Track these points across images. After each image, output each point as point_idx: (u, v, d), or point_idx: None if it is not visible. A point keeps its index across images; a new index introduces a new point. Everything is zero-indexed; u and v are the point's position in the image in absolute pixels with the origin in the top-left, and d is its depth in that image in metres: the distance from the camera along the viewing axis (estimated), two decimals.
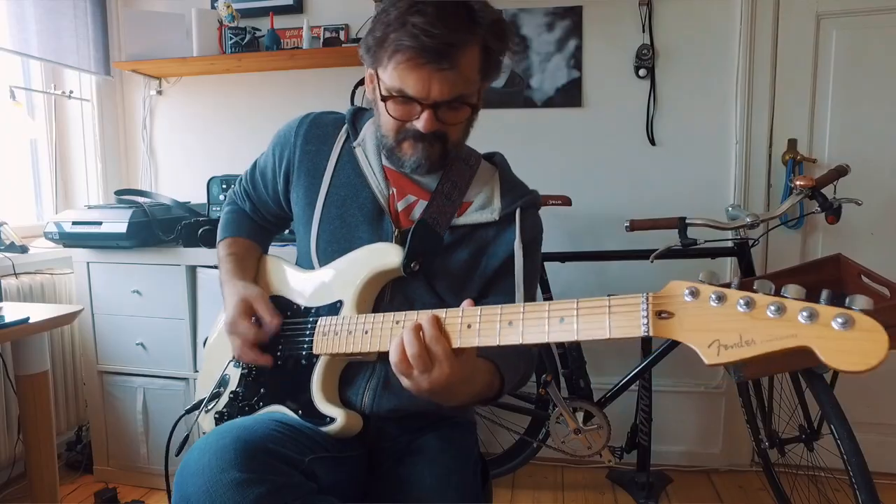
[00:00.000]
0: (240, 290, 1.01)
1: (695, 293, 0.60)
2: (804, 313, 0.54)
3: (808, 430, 1.67)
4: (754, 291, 0.58)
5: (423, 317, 0.78)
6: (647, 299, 0.63)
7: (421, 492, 0.89)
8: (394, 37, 0.85)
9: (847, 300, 0.54)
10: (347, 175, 1.02)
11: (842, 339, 0.52)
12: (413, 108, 0.90)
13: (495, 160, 1.09)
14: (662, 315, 0.62)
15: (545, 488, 2.08)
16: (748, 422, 1.81)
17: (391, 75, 0.89)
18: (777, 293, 0.58)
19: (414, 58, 0.85)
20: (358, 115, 1.08)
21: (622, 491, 2.03)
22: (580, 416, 1.79)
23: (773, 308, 0.55)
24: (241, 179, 1.20)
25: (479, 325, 0.75)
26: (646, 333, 0.62)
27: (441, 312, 0.78)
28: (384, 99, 0.91)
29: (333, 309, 0.95)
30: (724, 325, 0.58)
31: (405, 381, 0.78)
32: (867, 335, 0.51)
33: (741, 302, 0.57)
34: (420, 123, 0.90)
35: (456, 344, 0.75)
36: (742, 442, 2.14)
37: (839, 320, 0.52)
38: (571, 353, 1.88)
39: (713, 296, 0.59)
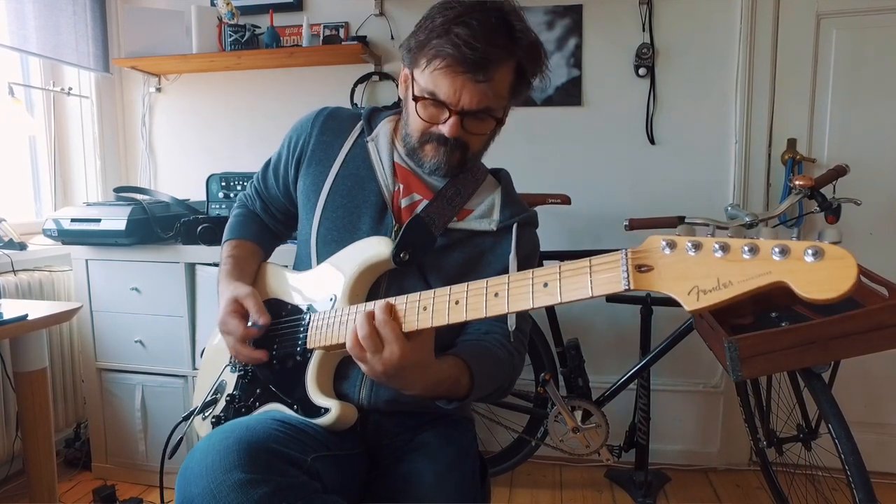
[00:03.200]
0: (231, 290, 1.03)
1: (672, 245, 0.62)
2: (776, 250, 0.55)
3: (806, 429, 1.67)
4: (729, 237, 0.60)
5: (378, 303, 0.81)
6: (626, 255, 0.64)
7: (422, 489, 0.90)
8: (436, 42, 0.89)
9: (818, 235, 0.56)
10: (357, 167, 1.05)
11: (814, 271, 0.53)
12: (441, 112, 0.93)
13: (500, 176, 1.13)
14: (642, 269, 0.63)
15: (543, 487, 2.08)
16: (746, 421, 1.81)
17: (426, 78, 0.92)
18: None
19: (451, 66, 0.89)
20: (374, 114, 1.12)
21: (620, 490, 2.03)
22: (578, 414, 1.79)
23: (746, 249, 0.57)
24: (251, 182, 1.23)
25: (466, 300, 0.76)
26: (626, 287, 0.63)
27: (416, 295, 0.81)
28: (416, 99, 0.94)
29: (327, 304, 0.97)
30: (701, 271, 0.59)
31: (362, 367, 0.81)
32: (837, 263, 0.53)
33: (716, 247, 0.58)
34: (445, 128, 0.94)
35: (414, 326, 0.78)
36: (740, 441, 2.14)
37: (810, 252, 0.53)
38: (570, 352, 1.88)
39: (689, 245, 0.60)
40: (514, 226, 1.02)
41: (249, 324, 0.99)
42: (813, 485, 1.86)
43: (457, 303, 0.76)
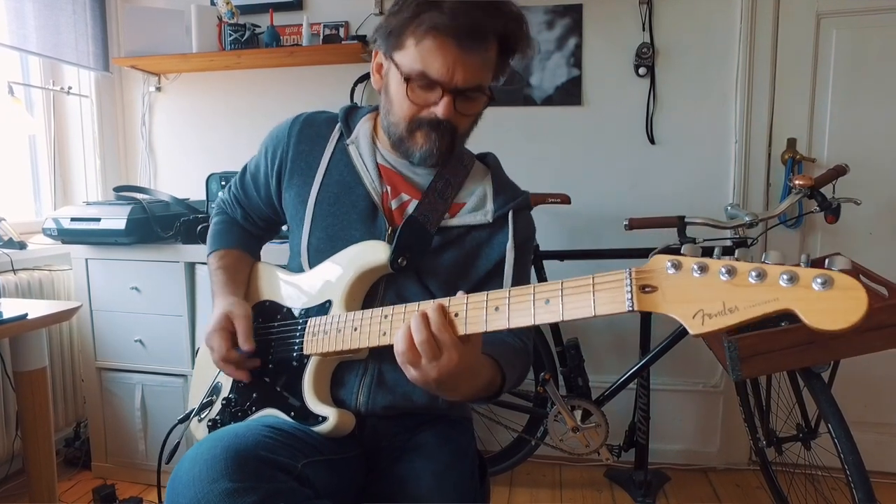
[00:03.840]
0: (226, 306, 1.01)
1: (677, 266, 0.60)
2: (784, 276, 0.54)
3: (806, 428, 1.67)
4: (736, 260, 0.58)
5: (429, 305, 0.77)
6: (631, 274, 0.63)
7: (420, 490, 0.89)
8: (428, 16, 0.85)
9: (826, 261, 0.55)
10: (341, 172, 1.02)
11: (822, 300, 0.52)
12: (432, 93, 0.90)
13: (488, 161, 1.09)
14: (646, 289, 0.62)
15: (543, 486, 2.08)
16: (746, 420, 1.81)
17: (414, 57, 0.88)
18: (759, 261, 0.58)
19: (445, 39, 0.86)
20: (351, 114, 1.08)
21: (620, 489, 2.03)
22: (578, 414, 1.79)
23: (754, 274, 0.56)
24: (229, 187, 1.19)
25: (465, 313, 0.74)
26: (630, 309, 0.62)
27: (414, 304, 0.79)
28: (407, 80, 0.89)
29: (323, 309, 0.95)
30: (707, 295, 0.58)
31: (412, 372, 0.76)
32: (846, 293, 0.52)
33: (723, 270, 0.57)
34: (439, 109, 0.90)
35: (462, 331, 0.75)
36: (740, 440, 2.14)
37: (819, 281, 0.53)
38: (570, 352, 1.88)
39: (695, 266, 0.59)
40: (510, 213, 0.99)
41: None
42: (812, 484, 1.86)
43: (456, 315, 0.75)
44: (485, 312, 0.73)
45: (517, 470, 2.08)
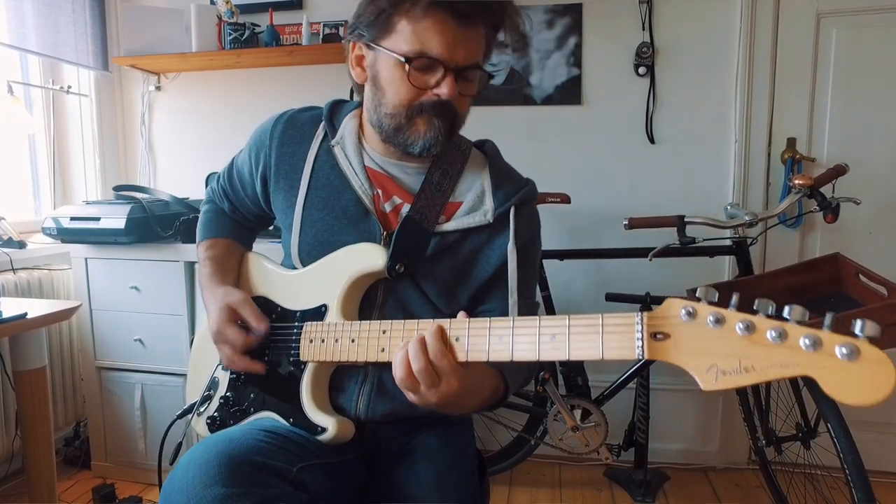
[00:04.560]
0: (222, 297, 0.98)
1: (692, 313, 0.58)
2: (806, 340, 0.51)
3: (805, 428, 1.67)
4: (754, 313, 0.55)
5: (427, 329, 0.75)
6: (642, 320, 0.61)
7: (420, 490, 0.89)
8: None
9: (853, 324, 0.51)
10: (327, 176, 0.97)
11: (846, 371, 0.49)
12: (432, 75, 0.86)
13: (486, 149, 1.03)
14: (658, 336, 0.60)
15: (543, 485, 2.08)
16: (745, 420, 1.82)
17: (410, 38, 0.84)
18: (778, 312, 0.55)
19: (447, 16, 0.82)
20: (336, 110, 1.02)
21: (619, 488, 2.03)
22: (578, 413, 1.80)
23: (773, 333, 0.53)
24: (218, 177, 1.16)
25: (467, 339, 0.73)
26: (640, 357, 0.60)
27: (413, 322, 0.78)
28: (408, 60, 0.84)
29: (318, 313, 0.93)
30: (722, 350, 0.55)
31: (412, 396, 0.76)
32: (872, 367, 0.49)
33: (740, 325, 0.55)
34: (443, 89, 0.85)
35: (462, 358, 0.74)
36: (739, 440, 2.14)
37: (843, 350, 0.50)
38: None
39: (711, 317, 0.56)
40: (511, 211, 0.95)
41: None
42: (812, 484, 1.86)
43: (457, 339, 0.74)
44: (487, 341, 0.72)
45: (517, 469, 2.08)
